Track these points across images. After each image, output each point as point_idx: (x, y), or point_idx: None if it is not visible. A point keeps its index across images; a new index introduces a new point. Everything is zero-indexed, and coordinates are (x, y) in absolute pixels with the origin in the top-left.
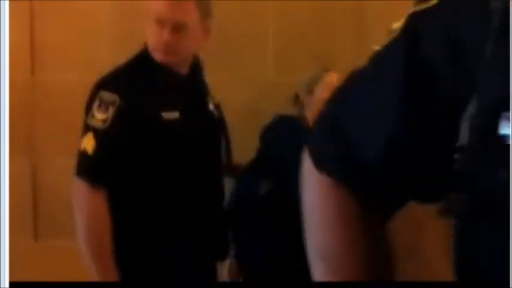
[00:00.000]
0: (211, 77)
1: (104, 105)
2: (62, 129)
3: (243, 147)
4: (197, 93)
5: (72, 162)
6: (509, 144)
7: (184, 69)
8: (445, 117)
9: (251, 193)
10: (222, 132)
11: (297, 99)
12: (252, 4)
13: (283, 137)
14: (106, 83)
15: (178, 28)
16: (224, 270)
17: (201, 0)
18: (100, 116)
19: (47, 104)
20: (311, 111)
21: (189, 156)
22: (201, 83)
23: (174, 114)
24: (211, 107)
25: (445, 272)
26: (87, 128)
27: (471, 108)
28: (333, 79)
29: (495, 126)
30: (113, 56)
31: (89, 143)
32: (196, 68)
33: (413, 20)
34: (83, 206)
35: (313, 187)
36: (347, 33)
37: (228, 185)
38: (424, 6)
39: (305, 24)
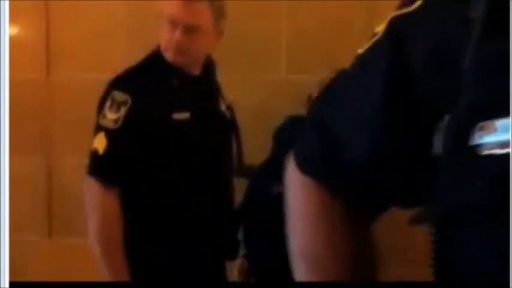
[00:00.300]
0: (223, 77)
1: (115, 105)
2: (76, 129)
3: (256, 147)
4: (209, 94)
5: (86, 161)
6: (483, 155)
7: (196, 70)
8: (425, 122)
9: (263, 194)
10: (233, 133)
11: (309, 100)
12: (265, 5)
13: (296, 139)
14: (118, 83)
15: (190, 29)
16: (234, 270)
17: (214, 1)
18: (112, 116)
19: (61, 103)
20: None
21: (198, 156)
22: (214, 83)
23: (184, 115)
24: (223, 107)
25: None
26: (98, 128)
27: (447, 117)
28: None
29: (468, 136)
30: (128, 56)
31: (100, 143)
32: (209, 68)
33: (395, 24)
34: (95, 205)
35: (296, 188)
36: (359, 35)
37: (240, 185)
38: (405, 10)
39: (318, 25)
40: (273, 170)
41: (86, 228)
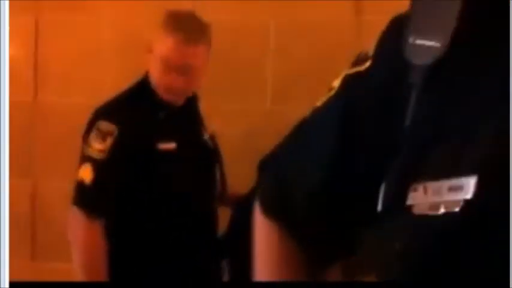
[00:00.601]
0: (208, 107)
1: (101, 135)
2: (61, 152)
3: (241, 177)
4: (193, 123)
5: (70, 185)
6: (416, 215)
7: (181, 101)
8: (371, 176)
9: (247, 224)
10: (216, 162)
11: None
12: (250, 33)
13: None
14: (104, 113)
15: (187, 70)
16: None
17: (207, 37)
18: (98, 146)
19: (47, 126)
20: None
21: (182, 185)
22: (196, 112)
23: (170, 145)
24: (206, 136)
25: None
26: (84, 158)
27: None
28: None
29: (404, 195)
30: (116, 80)
31: (86, 173)
32: (191, 98)
33: (347, 81)
34: (80, 235)
35: (258, 228)
36: (347, 65)
37: (225, 214)
38: (358, 69)
39: (305, 55)
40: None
41: (69, 252)
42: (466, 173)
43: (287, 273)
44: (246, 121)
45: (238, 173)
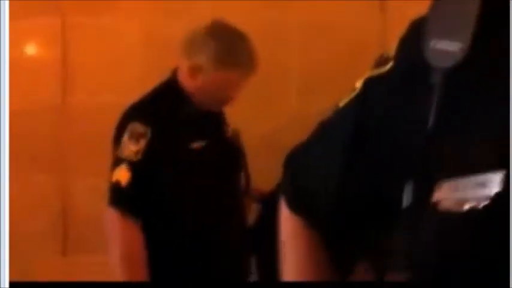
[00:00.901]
0: (236, 106)
1: (134, 137)
2: (90, 150)
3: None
4: (217, 122)
5: (100, 182)
6: (442, 211)
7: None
8: (389, 180)
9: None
10: (240, 159)
11: None
12: (276, 34)
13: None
14: (135, 114)
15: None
16: None
17: None
18: (132, 148)
19: (77, 125)
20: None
21: (212, 183)
22: (220, 111)
23: (200, 143)
24: (229, 134)
25: None
26: (118, 160)
27: (410, 174)
28: None
29: (430, 192)
30: (144, 78)
31: (122, 175)
32: None
33: (368, 83)
34: (118, 235)
35: (285, 224)
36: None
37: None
38: (378, 71)
39: (330, 54)
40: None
41: (99, 246)
42: (492, 169)
43: (313, 268)
44: (271, 119)
45: (263, 170)
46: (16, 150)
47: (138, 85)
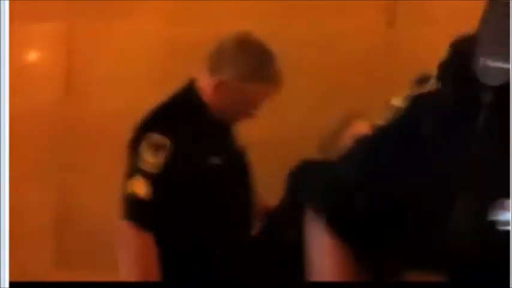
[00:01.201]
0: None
1: (153, 148)
2: (93, 159)
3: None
4: (232, 136)
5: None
6: (500, 231)
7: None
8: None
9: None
10: (249, 173)
11: (323, 143)
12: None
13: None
14: (154, 124)
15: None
16: None
17: None
18: (151, 160)
19: (77, 133)
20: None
21: (228, 198)
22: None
23: (217, 159)
24: (239, 148)
25: None
26: (135, 170)
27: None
28: (360, 128)
29: (488, 210)
30: (153, 84)
31: (139, 187)
32: None
33: (412, 102)
34: (134, 249)
35: (315, 235)
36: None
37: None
38: (421, 89)
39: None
40: (285, 215)
41: (94, 262)
42: None
43: (340, 270)
44: (277, 131)
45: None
46: (17, 153)
47: (148, 92)
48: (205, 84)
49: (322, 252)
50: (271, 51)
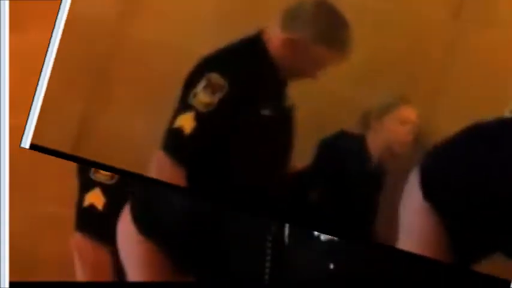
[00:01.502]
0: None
1: (211, 88)
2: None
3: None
4: (286, 92)
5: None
6: None
7: None
8: None
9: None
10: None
11: (365, 119)
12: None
13: (340, 156)
14: (216, 65)
15: None
16: None
17: None
18: (205, 99)
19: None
20: (375, 137)
21: (277, 151)
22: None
23: (267, 111)
24: (291, 106)
25: None
26: (187, 106)
27: None
28: (407, 114)
29: None
30: (216, 27)
31: (187, 122)
32: None
33: None
34: (162, 177)
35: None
36: (434, 61)
37: None
38: None
39: (388, 43)
40: (311, 179)
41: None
42: None
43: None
44: (318, 99)
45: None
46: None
47: (211, 32)
48: (274, 38)
49: (415, 215)
50: (348, 20)
